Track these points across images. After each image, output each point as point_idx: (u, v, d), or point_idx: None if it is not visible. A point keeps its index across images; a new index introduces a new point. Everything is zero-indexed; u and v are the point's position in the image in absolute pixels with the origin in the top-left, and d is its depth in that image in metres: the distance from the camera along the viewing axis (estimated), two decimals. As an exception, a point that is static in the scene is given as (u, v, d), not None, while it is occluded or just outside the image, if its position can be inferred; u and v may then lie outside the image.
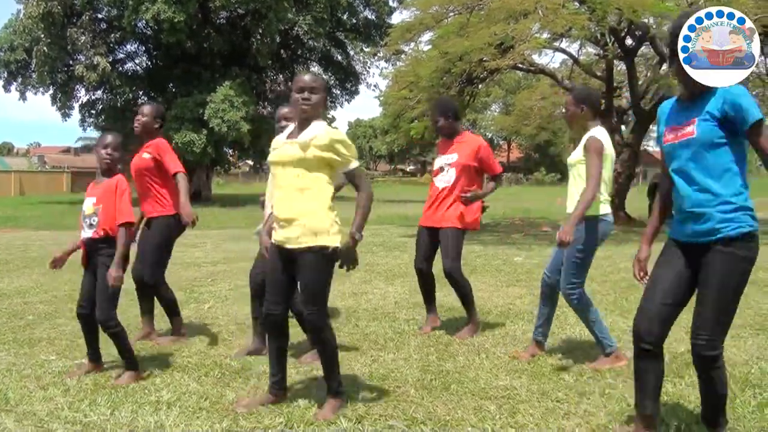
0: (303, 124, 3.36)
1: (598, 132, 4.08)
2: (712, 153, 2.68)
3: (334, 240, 3.24)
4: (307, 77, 3.36)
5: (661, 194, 3.06)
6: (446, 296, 5.09)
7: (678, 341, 4.26)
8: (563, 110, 4.40)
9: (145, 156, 4.71)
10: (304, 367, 4.14)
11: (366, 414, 3.31)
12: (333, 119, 65.62)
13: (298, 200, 3.27)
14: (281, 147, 3.39)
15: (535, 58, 15.69)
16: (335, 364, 3.40)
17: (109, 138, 4.00)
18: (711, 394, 2.81)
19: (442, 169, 5.03)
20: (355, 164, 3.32)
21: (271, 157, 3.44)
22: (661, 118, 2.95)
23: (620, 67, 16.91)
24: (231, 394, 3.65)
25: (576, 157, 4.15)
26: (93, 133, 35.79)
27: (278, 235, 3.35)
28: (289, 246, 3.29)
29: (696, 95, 2.75)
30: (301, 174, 3.27)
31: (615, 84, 16.31)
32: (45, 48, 25.31)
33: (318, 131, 3.29)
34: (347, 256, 3.28)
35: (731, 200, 2.66)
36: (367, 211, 3.32)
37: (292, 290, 3.48)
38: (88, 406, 3.47)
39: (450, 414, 3.33)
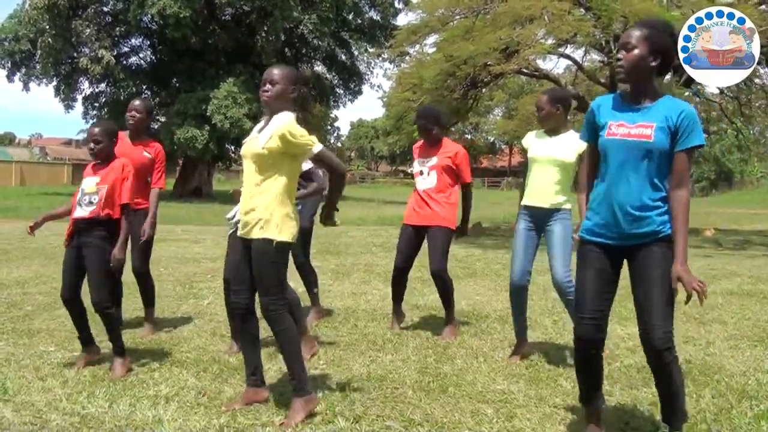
0: (268, 116, 3.39)
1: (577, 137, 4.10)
2: (659, 160, 2.74)
3: (281, 234, 3.23)
4: (269, 70, 3.39)
5: (588, 186, 3.12)
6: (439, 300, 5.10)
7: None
8: (536, 110, 4.44)
9: (145, 154, 4.93)
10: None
11: (363, 414, 3.32)
12: (336, 119, 66.07)
13: (255, 193, 3.30)
14: (248, 141, 3.43)
15: (540, 63, 15.74)
16: (293, 356, 3.30)
17: (93, 129, 4.04)
18: (667, 390, 2.83)
19: (421, 172, 5.05)
20: (317, 147, 3.28)
21: (242, 150, 3.49)
22: (602, 111, 2.95)
23: (624, 74, 16.93)
24: (229, 390, 3.66)
25: (556, 156, 4.27)
26: (95, 126, 35.78)
27: (240, 227, 3.38)
28: (246, 237, 3.33)
29: (643, 100, 2.81)
30: (257, 168, 3.32)
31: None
32: (49, 39, 25.36)
33: (275, 123, 3.30)
34: (325, 215, 3.56)
35: (662, 205, 2.76)
36: (338, 191, 3.57)
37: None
38: (87, 398, 3.48)
39: (447, 416, 3.33)
